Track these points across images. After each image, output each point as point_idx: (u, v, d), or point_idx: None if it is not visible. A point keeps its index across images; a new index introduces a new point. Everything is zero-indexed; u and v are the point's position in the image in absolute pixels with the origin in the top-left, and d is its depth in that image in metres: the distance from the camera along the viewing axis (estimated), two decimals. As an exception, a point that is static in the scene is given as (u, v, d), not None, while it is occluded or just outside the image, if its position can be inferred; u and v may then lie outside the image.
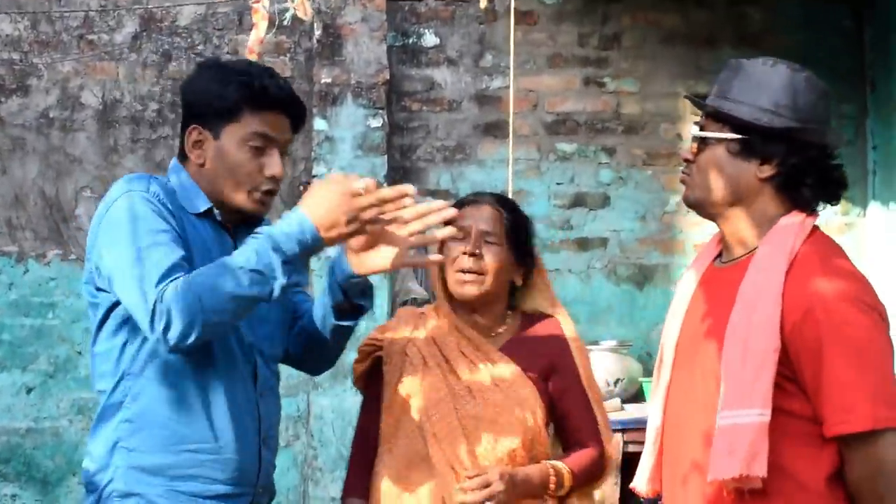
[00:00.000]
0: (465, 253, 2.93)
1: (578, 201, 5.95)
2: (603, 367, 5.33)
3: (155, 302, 2.43)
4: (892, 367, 2.26)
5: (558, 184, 5.94)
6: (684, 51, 6.01)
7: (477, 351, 2.96)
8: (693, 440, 2.38)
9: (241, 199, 2.67)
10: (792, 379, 2.25)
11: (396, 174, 5.80)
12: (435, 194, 5.76)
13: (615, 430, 4.87)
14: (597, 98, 5.99)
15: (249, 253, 2.42)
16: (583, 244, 5.93)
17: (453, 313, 3.00)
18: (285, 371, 5.52)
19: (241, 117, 2.64)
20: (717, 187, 2.39)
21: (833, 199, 2.42)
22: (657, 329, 5.49)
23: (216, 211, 2.68)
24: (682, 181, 2.48)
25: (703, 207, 2.45)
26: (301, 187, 5.80)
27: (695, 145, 2.43)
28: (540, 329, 3.05)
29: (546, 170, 5.94)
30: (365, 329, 3.45)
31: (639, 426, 4.51)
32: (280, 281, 2.42)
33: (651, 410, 2.58)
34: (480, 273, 2.94)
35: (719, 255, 2.52)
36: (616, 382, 5.32)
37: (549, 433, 3.01)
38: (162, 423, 2.56)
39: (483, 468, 2.81)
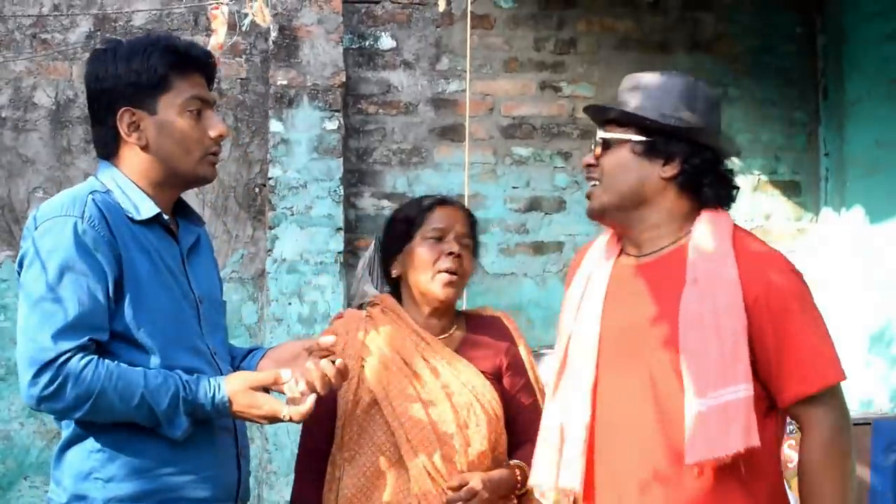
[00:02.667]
0: (450, 254, 2.93)
1: (534, 205, 5.97)
2: (558, 370, 5.35)
3: (51, 362, 2.38)
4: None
5: (514, 188, 5.95)
6: (639, 56, 6.04)
7: (436, 354, 2.93)
8: (645, 434, 2.40)
9: (194, 166, 2.62)
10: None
11: (352, 177, 5.79)
12: (391, 197, 5.76)
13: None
14: (552, 102, 6.01)
15: (163, 395, 2.42)
16: (538, 248, 5.95)
17: (408, 316, 2.99)
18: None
19: (173, 85, 2.58)
20: (623, 187, 2.49)
21: (728, 201, 2.55)
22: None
23: (165, 217, 2.60)
24: (588, 195, 2.56)
25: (608, 212, 2.53)
26: (256, 189, 5.77)
27: (598, 149, 2.52)
28: (488, 329, 3.06)
29: (502, 174, 5.95)
30: (315, 331, 3.42)
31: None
32: (174, 434, 2.46)
33: (576, 408, 2.51)
34: (460, 275, 2.94)
35: (620, 252, 2.59)
36: (571, 386, 5.33)
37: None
38: (138, 449, 2.46)
39: (462, 476, 2.80)
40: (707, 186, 2.49)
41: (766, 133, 6.03)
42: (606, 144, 2.52)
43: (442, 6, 4.48)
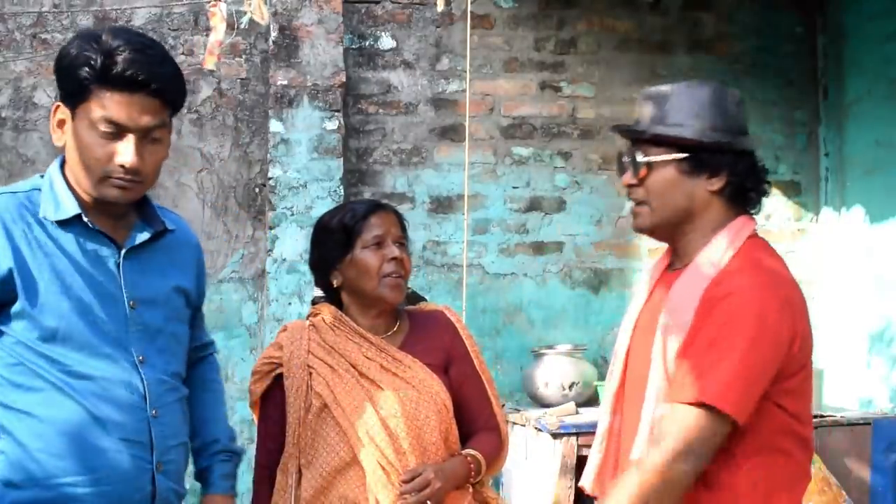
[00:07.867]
0: (392, 259, 3.00)
1: (534, 205, 5.97)
2: (558, 370, 5.35)
3: None
4: (756, 360, 2.31)
5: (514, 188, 5.95)
6: (639, 56, 6.04)
7: (381, 353, 3.01)
8: (633, 438, 2.49)
9: (93, 184, 2.44)
10: None
11: (352, 177, 5.79)
12: (391, 197, 5.76)
13: (570, 434, 4.91)
14: (553, 102, 6.01)
15: None
16: (538, 248, 5.95)
17: (350, 319, 3.05)
18: (241, 372, 5.46)
19: (91, 97, 2.38)
20: (673, 206, 2.50)
21: (764, 196, 2.57)
22: (612, 333, 5.51)
23: (86, 219, 2.47)
24: (634, 213, 2.56)
25: (659, 230, 2.55)
26: (256, 189, 5.78)
27: (644, 170, 2.51)
28: (431, 323, 3.14)
29: (502, 174, 5.95)
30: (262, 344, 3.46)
31: (593, 430, 4.53)
32: None
33: (600, 413, 2.69)
34: (404, 276, 3.04)
35: (670, 263, 2.63)
36: (571, 386, 5.34)
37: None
38: (33, 457, 2.40)
39: (414, 468, 2.88)
40: (752, 191, 2.52)
41: (766, 133, 6.02)
42: (648, 165, 2.51)
43: (440, 6, 4.47)
